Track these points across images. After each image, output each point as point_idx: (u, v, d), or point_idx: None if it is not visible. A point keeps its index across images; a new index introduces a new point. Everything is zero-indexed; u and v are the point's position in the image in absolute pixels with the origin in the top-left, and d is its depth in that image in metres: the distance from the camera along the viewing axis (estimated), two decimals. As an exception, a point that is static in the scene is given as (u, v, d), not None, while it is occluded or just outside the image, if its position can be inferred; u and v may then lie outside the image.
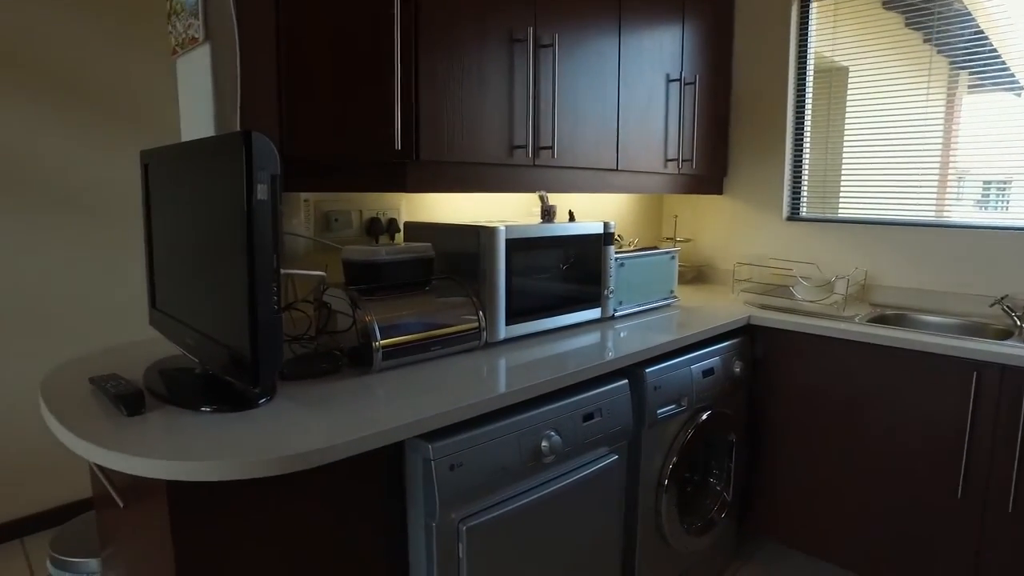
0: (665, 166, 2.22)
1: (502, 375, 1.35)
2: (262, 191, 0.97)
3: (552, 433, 1.33)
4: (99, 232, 2.36)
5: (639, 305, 2.00)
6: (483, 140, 1.63)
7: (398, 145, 1.42)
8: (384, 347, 1.30)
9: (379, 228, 1.74)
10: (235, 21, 1.42)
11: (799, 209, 2.47)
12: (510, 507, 1.28)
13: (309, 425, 1.04)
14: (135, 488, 1.06)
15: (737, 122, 2.54)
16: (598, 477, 1.47)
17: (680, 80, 2.23)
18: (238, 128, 1.47)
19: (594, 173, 1.99)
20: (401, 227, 1.80)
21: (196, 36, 1.49)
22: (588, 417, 1.43)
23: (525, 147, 1.72)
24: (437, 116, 1.51)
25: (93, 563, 1.47)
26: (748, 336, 2.00)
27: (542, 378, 1.32)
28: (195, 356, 1.22)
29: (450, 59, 1.53)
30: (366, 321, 1.31)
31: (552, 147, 1.78)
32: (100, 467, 1.10)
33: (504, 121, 1.67)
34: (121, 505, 1.02)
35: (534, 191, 1.79)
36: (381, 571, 1.17)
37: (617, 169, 2.05)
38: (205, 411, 1.11)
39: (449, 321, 1.44)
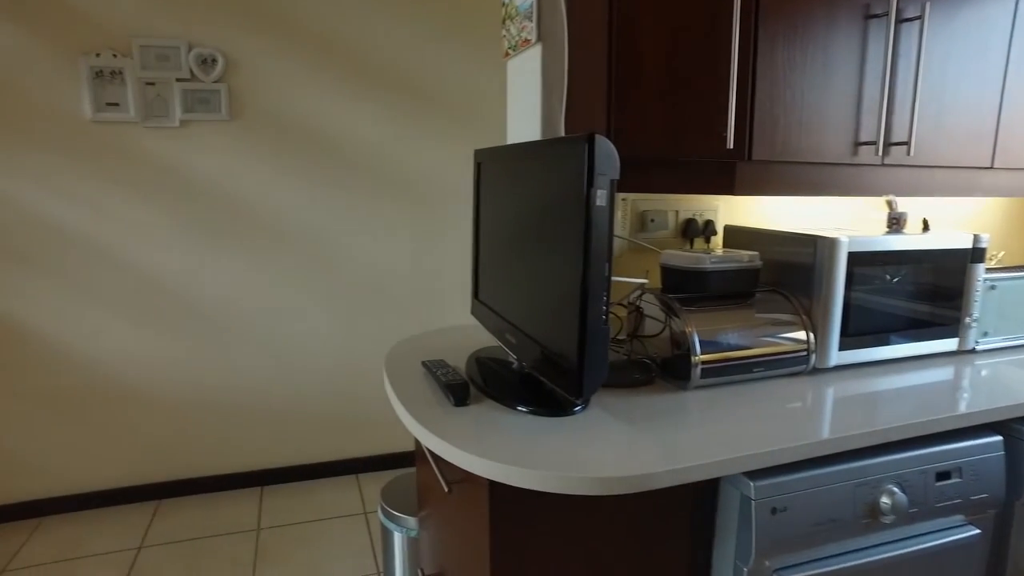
0: (1062, 162, 1.73)
1: (834, 410, 1.16)
2: (601, 197, 0.94)
3: (895, 489, 1.11)
4: (431, 220, 2.65)
5: (1011, 339, 1.60)
6: (823, 136, 1.42)
7: (730, 143, 1.30)
8: (703, 363, 1.21)
9: (695, 230, 1.64)
10: (565, 20, 1.43)
11: None
12: (835, 566, 1.10)
13: (626, 443, 0.99)
14: (456, 471, 1.13)
15: None
16: (950, 552, 1.20)
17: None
18: (562, 127, 1.49)
19: (958, 172, 1.63)
20: (718, 230, 1.67)
21: (529, 38, 1.54)
22: (943, 476, 1.17)
23: (875, 143, 1.46)
24: (773, 110, 1.36)
25: (411, 521, 1.64)
26: None
27: (884, 418, 1.11)
28: (514, 353, 1.26)
29: (791, 45, 1.36)
30: (685, 332, 1.22)
31: (908, 143, 1.49)
32: (429, 451, 1.19)
33: (850, 114, 1.44)
34: (446, 490, 1.09)
35: (881, 195, 1.52)
36: (682, 605, 1.10)
37: (992, 167, 1.65)
38: (522, 411, 1.14)
39: (774, 340, 1.29)
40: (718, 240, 1.70)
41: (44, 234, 2.29)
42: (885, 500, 1.10)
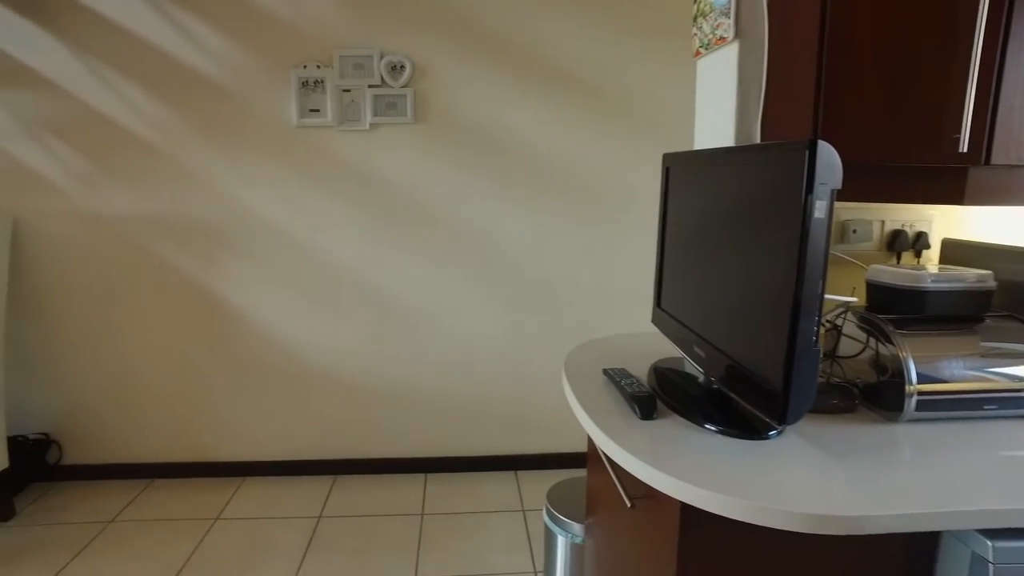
0: None
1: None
2: (820, 208, 0.86)
3: None
4: (606, 224, 2.63)
5: None
6: (1084, 137, 1.20)
7: (963, 146, 1.14)
8: (920, 393, 1.08)
9: (903, 243, 1.47)
10: (766, 15, 1.34)
11: None
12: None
13: (831, 478, 0.91)
14: (640, 487, 1.09)
15: None
16: None
17: None
18: (758, 131, 1.40)
19: None
20: (931, 244, 1.49)
21: (724, 36, 1.46)
22: None
23: None
24: (1020, 107, 1.17)
25: (577, 527, 1.63)
26: None
27: None
28: (701, 367, 1.20)
29: (1049, 31, 1.16)
30: (899, 357, 1.10)
31: None
32: (608, 458, 1.17)
33: (1121, 109, 1.21)
34: (628, 504, 1.06)
35: None
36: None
37: None
38: (710, 429, 1.08)
39: (1009, 374, 1.11)
40: (930, 255, 1.51)
41: (255, 227, 2.57)
42: None
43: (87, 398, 2.69)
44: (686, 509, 0.91)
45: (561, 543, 1.68)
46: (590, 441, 1.47)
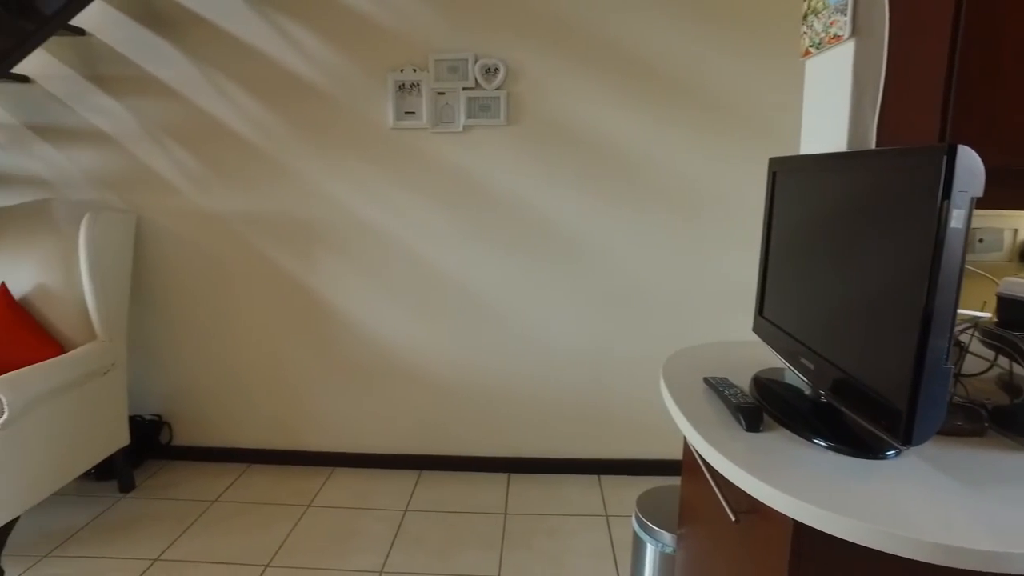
0: None
1: None
2: (957, 217, 0.80)
3: None
4: (700, 230, 2.57)
5: None
6: None
7: (1118, 151, 1.04)
8: (1060, 420, 0.99)
9: (1038, 254, 1.36)
10: (887, 11, 1.27)
11: None
12: None
13: (958, 506, 0.85)
14: (745, 501, 1.06)
15: None
16: None
17: None
18: (874, 135, 1.33)
19: None
20: (1071, 255, 1.37)
21: (839, 34, 1.39)
22: None
23: None
24: None
25: (668, 537, 1.60)
26: None
27: None
28: (808, 379, 1.16)
29: None
30: (1035, 381, 1.02)
31: None
32: (710, 469, 1.14)
33: None
34: (732, 519, 1.03)
35: None
36: None
37: None
38: (819, 444, 1.03)
39: None
40: (1070, 267, 1.39)
41: (352, 227, 2.66)
42: None
43: (195, 384, 2.87)
44: (799, 528, 0.87)
45: (650, 552, 1.66)
46: (686, 450, 1.44)
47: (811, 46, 1.55)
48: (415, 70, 2.53)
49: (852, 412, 1.00)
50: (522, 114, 2.53)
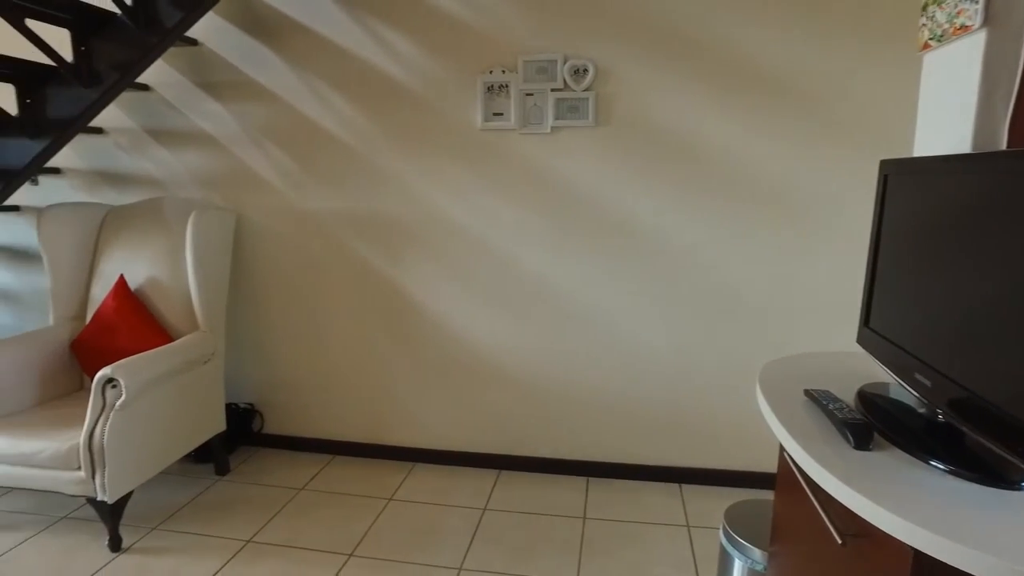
0: None
1: None
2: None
3: None
4: (796, 235, 2.46)
5: None
6: None
7: None
8: None
9: None
10: None
11: None
12: None
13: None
14: (854, 524, 1.00)
15: None
16: None
17: None
18: (1005, 134, 1.22)
19: None
20: None
21: (968, 23, 1.29)
22: None
23: None
24: None
25: (758, 553, 1.53)
26: None
27: None
28: (924, 396, 1.08)
29: None
30: None
31: None
32: (813, 487, 1.08)
33: None
34: (839, 542, 0.97)
35: None
36: None
37: None
38: (937, 467, 0.96)
39: None
40: None
41: (441, 227, 2.71)
42: None
43: (287, 375, 2.99)
44: (920, 558, 0.81)
45: (738, 567, 1.60)
46: (782, 464, 1.37)
47: (931, 39, 1.45)
48: (504, 71, 2.54)
49: (979, 435, 0.92)
50: (611, 115, 2.50)
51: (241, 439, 3.04)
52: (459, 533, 2.37)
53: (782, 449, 1.35)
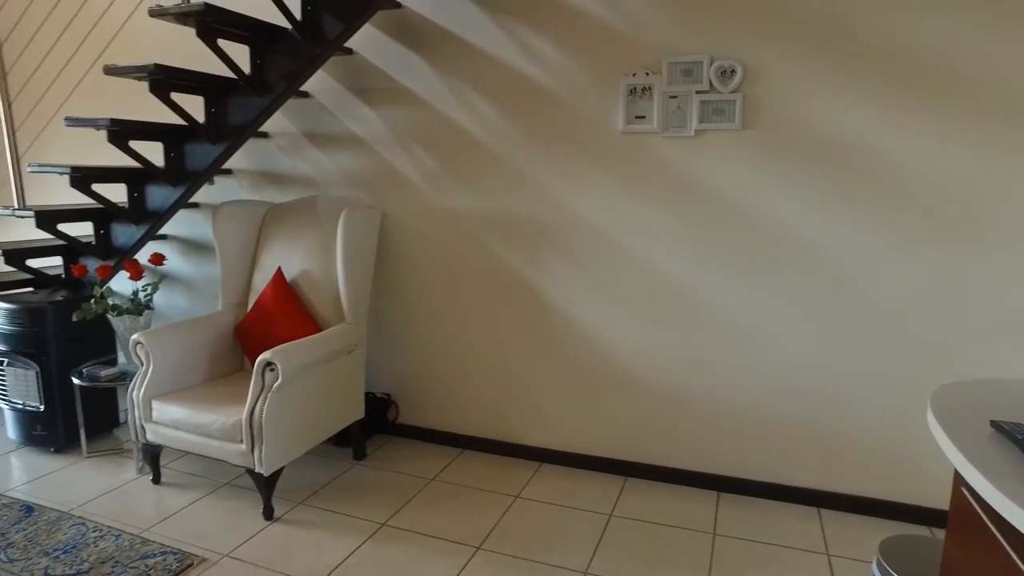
0: None
1: None
2: None
3: None
4: (967, 248, 2.24)
5: None
6: None
7: None
8: None
9: None
10: None
11: None
12: None
13: None
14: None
15: None
16: None
17: None
18: None
19: None
20: None
21: None
22: None
23: None
24: None
25: (921, 593, 1.41)
26: None
27: None
28: None
29: None
30: None
31: None
32: (1005, 530, 0.98)
33: None
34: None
35: None
36: None
37: None
38: None
39: None
40: None
41: (579, 230, 2.72)
42: None
43: (422, 368, 3.13)
44: None
45: (896, 607, 1.48)
46: (959, 500, 1.25)
47: None
48: (647, 73, 2.51)
49: None
50: (759, 118, 2.40)
51: (377, 427, 3.20)
52: (585, 537, 2.36)
53: (959, 484, 1.23)
